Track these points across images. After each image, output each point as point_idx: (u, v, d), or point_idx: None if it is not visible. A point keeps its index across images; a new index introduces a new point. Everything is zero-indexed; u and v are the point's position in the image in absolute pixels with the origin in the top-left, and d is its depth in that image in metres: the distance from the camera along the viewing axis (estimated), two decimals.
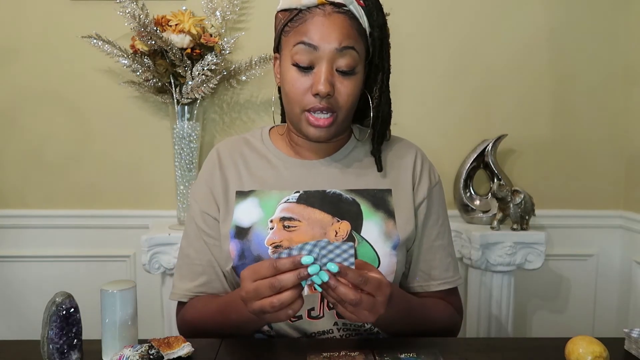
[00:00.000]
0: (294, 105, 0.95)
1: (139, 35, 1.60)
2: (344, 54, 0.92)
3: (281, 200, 0.99)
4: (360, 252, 0.96)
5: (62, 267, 1.85)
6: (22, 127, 1.82)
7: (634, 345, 0.85)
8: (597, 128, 1.87)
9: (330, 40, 0.91)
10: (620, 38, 1.83)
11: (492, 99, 1.85)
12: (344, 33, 0.91)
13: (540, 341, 0.91)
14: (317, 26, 0.91)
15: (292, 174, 1.02)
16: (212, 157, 1.07)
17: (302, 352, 0.82)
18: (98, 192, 1.85)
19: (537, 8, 1.83)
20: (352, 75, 0.94)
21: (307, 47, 0.91)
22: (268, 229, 0.97)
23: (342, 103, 0.94)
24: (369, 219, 0.98)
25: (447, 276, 1.04)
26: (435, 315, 1.00)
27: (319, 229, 0.96)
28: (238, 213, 1.00)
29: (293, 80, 0.93)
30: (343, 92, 0.93)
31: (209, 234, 1.02)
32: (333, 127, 0.95)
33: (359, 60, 0.94)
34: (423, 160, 1.07)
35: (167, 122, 1.79)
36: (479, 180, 1.85)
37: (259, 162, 1.04)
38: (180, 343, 0.82)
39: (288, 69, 0.94)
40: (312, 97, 0.92)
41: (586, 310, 1.92)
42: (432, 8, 1.83)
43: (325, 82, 0.90)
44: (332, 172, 1.02)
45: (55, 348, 0.79)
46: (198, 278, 1.02)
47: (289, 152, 1.05)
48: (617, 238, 1.90)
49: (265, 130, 1.09)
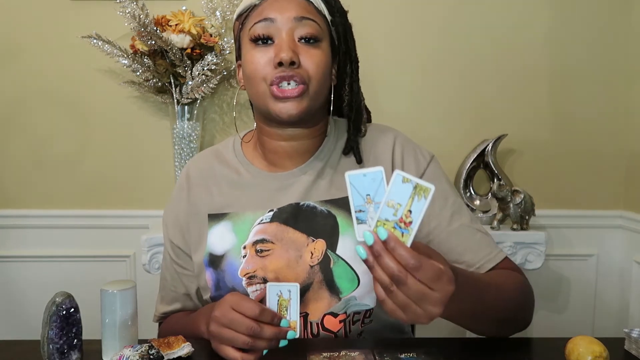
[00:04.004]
0: (258, 83, 0.88)
1: (139, 35, 1.60)
2: (304, 24, 0.88)
3: (255, 222, 0.94)
4: (337, 273, 0.90)
5: (62, 267, 1.85)
6: (22, 127, 1.82)
7: (634, 345, 0.85)
8: (597, 128, 1.87)
9: (286, 10, 0.87)
10: (620, 38, 1.83)
11: (492, 98, 1.85)
12: (301, 6, 0.89)
13: (540, 341, 0.91)
14: (271, 3, 0.89)
15: (265, 190, 0.96)
16: (181, 179, 1.02)
17: (302, 352, 0.82)
18: (98, 192, 1.85)
19: (538, 8, 1.82)
20: (317, 44, 0.89)
21: (263, 22, 0.88)
22: (241, 257, 0.92)
23: (312, 73, 0.87)
24: (346, 233, 0.91)
25: (483, 255, 0.91)
26: (506, 292, 0.85)
27: (293, 251, 0.91)
28: (211, 238, 0.95)
29: (253, 57, 0.88)
30: (310, 61, 0.87)
31: (179, 264, 1.01)
32: (305, 98, 0.87)
33: (321, 32, 0.90)
34: (403, 143, 0.98)
35: (167, 122, 1.79)
36: (479, 180, 1.85)
37: (230, 179, 0.98)
38: (180, 343, 0.82)
39: (248, 52, 0.89)
40: (275, 69, 0.86)
41: (586, 310, 1.92)
42: (433, 9, 1.82)
43: (287, 49, 0.85)
44: (306, 182, 0.95)
45: (55, 348, 0.79)
46: (173, 304, 1.04)
47: (261, 163, 0.98)
48: (617, 238, 1.89)
49: (238, 140, 1.03)
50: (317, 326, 0.92)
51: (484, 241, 0.93)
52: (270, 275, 0.91)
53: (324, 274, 0.91)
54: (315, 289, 0.91)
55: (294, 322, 0.79)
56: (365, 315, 0.93)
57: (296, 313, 0.80)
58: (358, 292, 0.91)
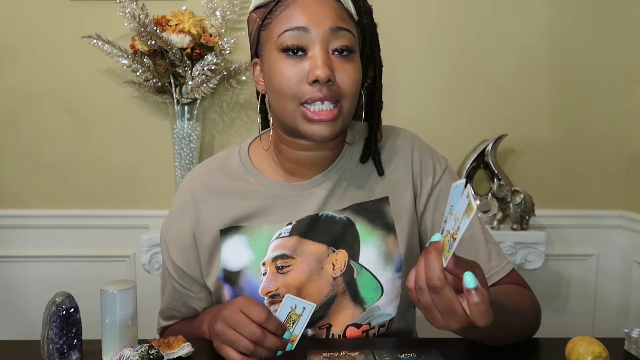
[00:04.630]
0: (287, 100, 0.80)
1: (139, 35, 1.60)
2: (339, 35, 0.79)
3: (273, 237, 0.89)
4: (360, 283, 0.89)
5: (62, 267, 1.84)
6: (22, 127, 1.82)
7: (634, 345, 0.85)
8: (597, 128, 1.87)
9: (321, 20, 0.78)
10: (620, 38, 1.83)
11: (492, 98, 1.85)
12: (335, 13, 0.80)
13: (540, 341, 0.91)
14: (303, 8, 0.79)
15: (281, 202, 0.90)
16: (182, 197, 0.94)
17: (302, 352, 0.82)
18: (98, 192, 1.85)
19: (538, 8, 1.82)
20: (352, 58, 0.81)
21: (296, 31, 0.78)
22: (261, 274, 0.89)
23: (347, 90, 0.80)
24: (367, 241, 0.89)
25: (492, 266, 0.90)
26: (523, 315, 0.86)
27: (315, 263, 0.88)
28: (225, 253, 0.90)
29: (283, 70, 0.79)
30: (346, 77, 0.80)
31: (182, 285, 0.96)
32: (339, 120, 0.81)
33: (354, 42, 0.82)
34: (421, 149, 0.94)
35: (167, 122, 1.79)
36: (479, 180, 1.85)
37: (240, 191, 0.91)
38: (180, 343, 0.82)
39: (275, 61, 0.80)
40: (308, 86, 0.78)
41: (586, 310, 1.92)
42: (433, 8, 1.82)
43: (323, 65, 0.77)
44: (324, 192, 0.90)
45: (55, 348, 0.79)
46: (172, 320, 1.02)
47: (274, 173, 0.92)
48: (617, 238, 1.89)
49: (244, 148, 0.95)
50: (339, 337, 0.91)
51: (493, 252, 0.92)
52: (293, 292, 0.88)
53: (347, 285, 0.89)
54: (339, 300, 0.89)
55: (295, 335, 0.80)
56: (388, 326, 0.93)
57: (301, 329, 0.80)
58: (382, 302, 0.90)
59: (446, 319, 0.64)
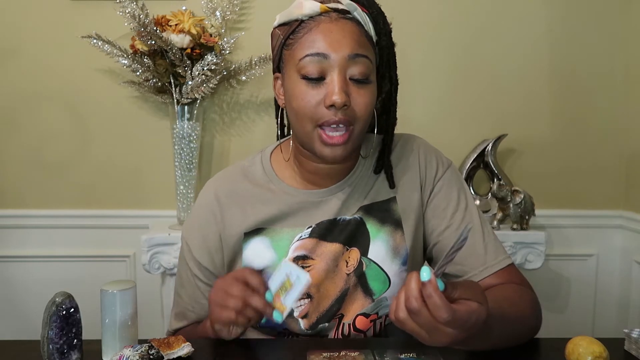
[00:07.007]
0: (305, 122, 0.86)
1: (139, 35, 1.60)
2: (356, 62, 0.85)
3: (294, 239, 0.95)
4: (369, 275, 0.94)
5: (62, 267, 1.85)
6: (22, 127, 1.82)
7: (634, 345, 0.85)
8: (597, 128, 1.87)
9: (341, 47, 0.84)
10: (620, 38, 1.83)
11: (492, 98, 1.85)
12: (354, 40, 0.85)
13: (540, 341, 0.91)
14: (324, 34, 0.84)
15: (302, 207, 0.96)
16: (207, 200, 0.99)
17: (302, 351, 0.82)
18: (98, 192, 1.85)
19: (538, 8, 1.83)
20: (367, 85, 0.87)
21: (316, 57, 0.84)
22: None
23: (360, 114, 0.86)
24: (376, 237, 0.96)
25: (486, 260, 0.93)
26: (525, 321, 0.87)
27: (331, 262, 0.94)
28: (247, 253, 0.96)
29: (302, 94, 0.85)
30: (360, 102, 0.85)
31: (205, 282, 0.99)
32: (349, 143, 0.87)
33: (372, 69, 0.88)
34: (426, 150, 1.00)
35: (167, 122, 1.79)
36: (479, 180, 1.85)
37: (263, 197, 0.97)
38: (180, 343, 0.82)
39: (296, 83, 0.86)
40: (325, 110, 0.84)
41: (586, 310, 1.92)
42: (433, 9, 1.83)
43: (340, 92, 0.83)
44: (341, 198, 0.96)
45: (55, 348, 0.79)
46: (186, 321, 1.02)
47: (295, 181, 0.98)
48: (617, 238, 1.89)
49: (267, 157, 1.01)
50: (348, 327, 0.95)
51: (490, 246, 0.94)
52: (313, 290, 0.94)
53: (359, 278, 0.95)
54: (351, 292, 0.95)
55: (284, 306, 0.81)
56: None
57: (292, 301, 0.81)
58: (389, 293, 0.95)
59: (433, 335, 0.66)
